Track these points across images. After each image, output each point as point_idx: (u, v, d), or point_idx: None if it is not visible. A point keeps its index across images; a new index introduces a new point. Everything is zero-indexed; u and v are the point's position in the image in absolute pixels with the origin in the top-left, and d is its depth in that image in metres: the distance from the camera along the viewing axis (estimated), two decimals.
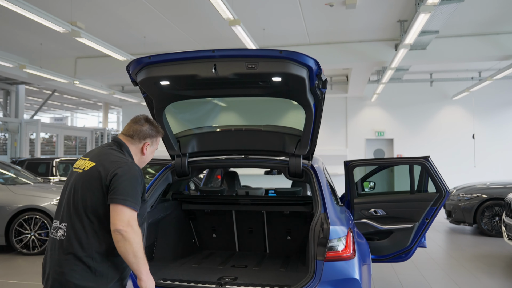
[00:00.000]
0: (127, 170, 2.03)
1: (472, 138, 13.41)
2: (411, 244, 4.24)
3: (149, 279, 2.05)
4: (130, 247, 1.91)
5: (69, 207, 2.05)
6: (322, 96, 2.86)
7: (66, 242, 1.98)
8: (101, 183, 2.01)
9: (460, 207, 8.20)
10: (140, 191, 2.07)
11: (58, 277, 1.97)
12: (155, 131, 2.27)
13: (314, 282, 2.51)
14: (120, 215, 1.92)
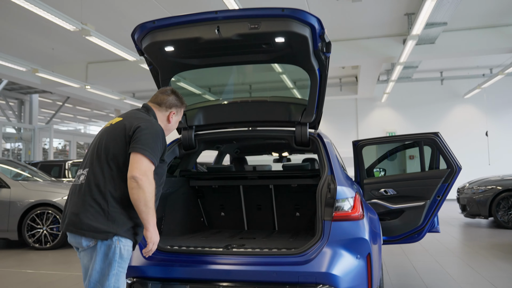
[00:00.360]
0: (150, 126, 2.16)
1: (486, 136, 13.20)
2: (423, 223, 4.15)
3: (155, 231, 2.11)
4: (143, 195, 1.98)
5: (92, 155, 2.17)
6: (326, 61, 2.86)
7: (85, 186, 2.08)
8: (124, 133, 2.13)
9: (475, 200, 8.04)
10: (161, 149, 2.16)
11: (73, 218, 2.05)
12: (180, 101, 2.43)
13: (322, 242, 2.48)
14: (139, 163, 2.01)
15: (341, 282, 2.39)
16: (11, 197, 6.36)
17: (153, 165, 2.08)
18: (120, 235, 2.05)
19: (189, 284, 2.50)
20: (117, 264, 2.05)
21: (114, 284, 2.05)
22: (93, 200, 2.03)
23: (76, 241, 2.08)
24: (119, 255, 2.05)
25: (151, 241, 2.10)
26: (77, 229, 2.02)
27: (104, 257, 2.03)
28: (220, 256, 2.59)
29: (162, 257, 2.61)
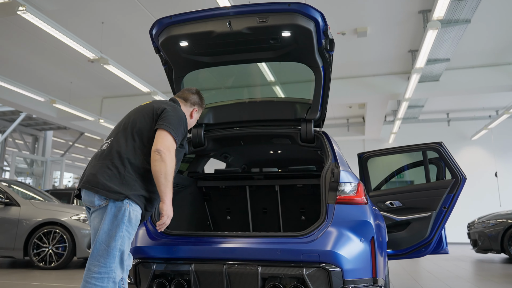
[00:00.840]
0: (176, 110, 2.39)
1: (495, 177, 13.09)
2: (430, 236, 4.13)
3: (170, 206, 2.24)
4: (165, 168, 2.13)
5: (118, 128, 2.36)
6: (330, 59, 3.03)
7: (107, 152, 2.23)
8: (152, 112, 2.33)
9: (486, 234, 7.87)
10: (183, 133, 2.35)
11: (90, 177, 2.18)
12: (202, 101, 2.69)
13: (327, 224, 2.51)
14: (164, 139, 2.19)
15: (345, 262, 2.40)
16: (20, 215, 6.42)
17: (176, 144, 2.25)
18: (131, 199, 2.14)
19: (193, 263, 2.51)
20: (124, 227, 2.13)
21: (120, 246, 2.12)
22: (112, 164, 2.17)
23: (89, 199, 2.17)
24: (127, 218, 2.13)
25: (166, 214, 2.20)
26: (92, 186, 2.13)
27: (113, 218, 2.11)
28: (225, 237, 2.63)
29: (166, 239, 2.66)
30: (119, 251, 2.12)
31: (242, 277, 2.44)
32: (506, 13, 7.34)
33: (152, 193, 2.25)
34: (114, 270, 2.10)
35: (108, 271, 2.08)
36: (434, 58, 8.51)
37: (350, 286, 2.39)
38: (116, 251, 2.10)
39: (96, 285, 2.05)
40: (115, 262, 2.11)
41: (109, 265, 2.08)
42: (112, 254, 2.09)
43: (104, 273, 2.07)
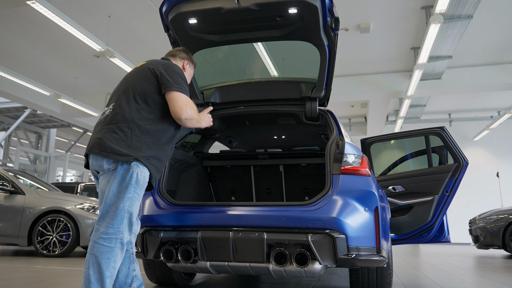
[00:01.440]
0: (176, 66, 2.40)
1: (497, 177, 13.11)
2: (432, 220, 4.17)
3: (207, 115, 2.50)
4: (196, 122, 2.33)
5: (118, 92, 2.34)
6: (335, 38, 3.09)
7: (111, 116, 2.23)
8: (150, 71, 2.32)
9: (488, 229, 7.90)
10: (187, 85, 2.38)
11: (97, 141, 2.19)
12: (190, 57, 2.69)
13: (331, 193, 2.56)
14: (179, 102, 2.23)
15: (349, 229, 2.44)
16: (25, 204, 6.48)
17: (188, 97, 2.30)
18: (139, 161, 2.16)
19: (200, 230, 2.56)
20: (132, 189, 2.14)
21: (128, 207, 2.14)
22: (117, 127, 2.18)
23: (98, 164, 2.19)
24: (135, 179, 2.15)
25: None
26: (100, 151, 2.15)
27: (121, 179, 2.13)
28: (231, 206, 2.68)
29: (174, 208, 2.70)
30: (127, 213, 2.13)
31: (248, 243, 2.49)
32: (509, 8, 7.41)
33: (159, 155, 2.26)
34: (122, 231, 2.12)
35: (116, 231, 2.10)
36: (437, 55, 8.59)
37: (354, 253, 2.43)
38: (124, 212, 2.11)
39: (104, 245, 2.06)
40: (123, 224, 2.12)
41: (117, 226, 2.10)
42: (120, 215, 2.10)
43: (112, 234, 2.09)
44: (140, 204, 2.79)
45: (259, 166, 3.90)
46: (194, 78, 3.43)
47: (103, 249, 2.06)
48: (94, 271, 2.04)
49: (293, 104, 3.39)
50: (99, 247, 2.06)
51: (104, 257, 2.05)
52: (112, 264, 2.08)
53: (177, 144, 3.30)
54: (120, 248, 2.12)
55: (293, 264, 2.44)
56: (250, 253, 2.49)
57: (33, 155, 16.18)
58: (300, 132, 3.93)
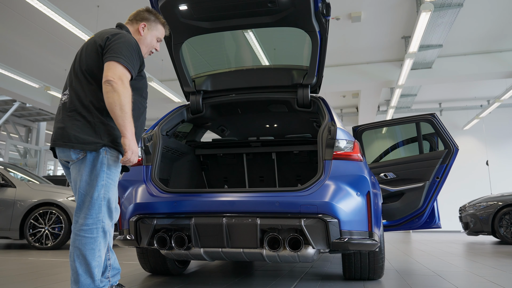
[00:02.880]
0: (122, 35, 2.15)
1: (486, 165, 13.29)
2: (423, 206, 4.23)
3: (132, 139, 2.05)
4: (118, 98, 1.96)
5: (71, 76, 2.20)
6: (326, 24, 3.09)
7: (69, 103, 2.11)
8: (96, 45, 2.13)
9: (478, 216, 8.02)
10: (136, 59, 2.14)
11: (60, 131, 2.08)
12: (154, 16, 2.40)
13: (324, 178, 2.57)
14: (112, 69, 2.00)
15: (342, 213, 2.46)
16: (16, 196, 6.43)
17: (129, 73, 2.06)
18: (107, 146, 2.07)
19: (193, 217, 2.56)
20: (105, 175, 2.06)
21: (103, 195, 2.05)
22: (78, 114, 2.06)
23: (65, 155, 2.10)
24: (106, 165, 2.07)
25: (129, 149, 2.03)
26: (65, 142, 2.04)
27: (92, 167, 2.05)
28: (224, 193, 2.68)
29: (166, 196, 2.70)
30: (104, 200, 2.06)
31: (241, 229, 2.50)
32: None
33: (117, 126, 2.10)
34: (102, 219, 2.05)
35: (95, 221, 2.03)
36: (427, 44, 8.62)
37: (347, 237, 2.46)
38: (100, 200, 2.04)
39: (86, 236, 2.00)
40: (102, 212, 2.05)
41: (96, 216, 2.03)
42: (97, 204, 2.03)
43: (91, 224, 2.02)
44: (133, 192, 2.78)
45: (251, 154, 3.90)
46: (185, 64, 3.40)
47: (86, 241, 2.00)
48: (81, 263, 1.99)
49: (285, 91, 3.39)
50: (81, 239, 2.01)
51: (88, 248, 2.00)
52: (98, 253, 2.03)
53: (169, 132, 3.29)
54: (103, 236, 2.06)
55: (287, 249, 2.46)
56: (244, 239, 2.51)
57: (23, 149, 16.01)
58: (292, 119, 3.94)
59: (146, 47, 2.38)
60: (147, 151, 2.92)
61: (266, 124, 4.17)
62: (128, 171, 2.42)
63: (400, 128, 4.72)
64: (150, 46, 2.40)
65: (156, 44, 2.43)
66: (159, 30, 2.42)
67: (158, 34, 2.41)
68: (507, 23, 8.39)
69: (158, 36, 2.42)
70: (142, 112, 2.28)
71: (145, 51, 2.38)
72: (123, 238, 2.71)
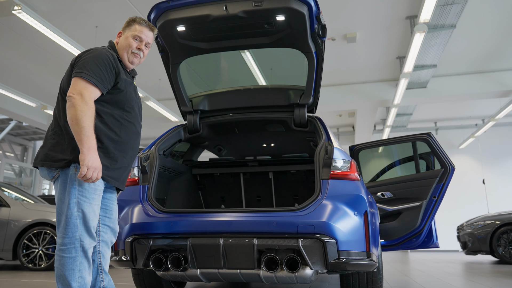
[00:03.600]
0: (92, 51, 2.11)
1: (483, 184, 13.31)
2: (421, 225, 4.21)
3: (89, 154, 1.92)
4: (74, 112, 1.91)
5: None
6: (322, 45, 3.13)
7: (51, 123, 2.18)
8: (71, 65, 2.14)
9: (475, 235, 7.98)
10: (107, 70, 2.07)
11: (39, 151, 2.13)
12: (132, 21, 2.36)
13: (321, 198, 2.56)
14: (73, 84, 1.99)
15: (339, 233, 2.45)
16: (10, 216, 6.35)
17: (93, 86, 2.00)
18: (77, 162, 1.98)
19: (190, 237, 2.54)
20: (77, 192, 1.99)
21: (76, 213, 1.97)
22: (54, 133, 2.09)
23: (43, 174, 2.11)
24: (78, 182, 1.99)
25: (84, 164, 1.90)
26: (40, 161, 2.06)
27: (63, 185, 2.01)
28: (221, 213, 2.67)
29: (163, 216, 2.67)
30: (78, 218, 1.97)
31: (238, 249, 2.47)
32: (490, 19, 7.61)
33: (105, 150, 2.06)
34: (80, 238, 1.97)
35: (72, 240, 1.96)
36: (422, 64, 8.75)
37: (345, 258, 2.44)
38: (75, 218, 1.96)
39: (64, 256, 1.95)
40: (78, 230, 1.97)
41: (72, 235, 1.96)
42: (71, 222, 1.96)
43: (69, 244, 1.96)
44: (129, 212, 2.76)
45: (248, 174, 3.90)
46: (182, 84, 3.42)
47: (64, 261, 1.95)
48: (63, 284, 1.95)
49: (282, 111, 3.41)
50: (60, 259, 1.96)
51: (67, 268, 1.95)
52: (78, 274, 1.96)
53: (166, 152, 3.28)
54: (83, 256, 1.98)
55: (284, 270, 2.43)
56: (241, 260, 2.48)
57: (18, 168, 15.90)
58: (289, 139, 3.95)
59: (124, 50, 2.26)
60: (144, 170, 2.91)
61: (263, 143, 4.18)
62: (123, 190, 2.40)
63: (396, 147, 4.75)
64: (126, 47, 2.26)
65: (132, 43, 2.26)
66: (132, 29, 2.30)
67: (134, 32, 2.29)
68: (499, 44, 8.55)
69: (133, 34, 2.28)
70: (125, 125, 2.17)
71: (126, 57, 2.26)
72: (119, 259, 2.68)
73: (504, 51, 8.91)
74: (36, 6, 6.34)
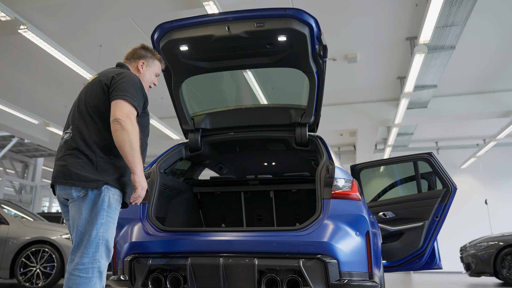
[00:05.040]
0: (127, 74, 2.20)
1: (485, 204, 13.20)
2: (423, 246, 4.16)
3: (142, 175, 2.08)
4: (128, 136, 1.99)
5: (74, 113, 2.21)
6: (323, 65, 3.17)
7: (71, 141, 2.11)
8: (101, 85, 2.16)
9: (479, 257, 7.87)
10: (141, 96, 2.18)
11: (61, 168, 2.07)
12: (150, 53, 2.49)
13: (322, 217, 2.55)
14: (120, 107, 2.03)
15: (341, 254, 2.42)
16: (8, 234, 6.29)
17: (136, 110, 2.10)
18: (109, 184, 2.05)
19: (190, 257, 2.51)
20: (105, 213, 2.04)
21: (102, 234, 2.01)
22: (80, 152, 2.06)
23: (66, 192, 2.07)
24: (107, 203, 2.04)
25: (140, 185, 2.06)
26: (67, 180, 2.03)
27: (92, 205, 2.02)
28: (221, 232, 2.64)
29: (162, 235, 2.66)
30: (103, 239, 2.01)
31: (238, 269, 2.44)
32: (487, 41, 7.70)
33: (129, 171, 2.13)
34: (99, 259, 1.99)
35: (91, 260, 1.97)
36: (422, 84, 8.81)
37: (347, 279, 2.40)
38: (98, 239, 2.00)
39: (81, 276, 1.93)
40: (99, 251, 2.00)
41: (92, 255, 1.98)
42: (95, 242, 1.99)
43: (87, 264, 1.96)
44: (128, 230, 2.74)
45: (249, 193, 3.88)
46: (184, 102, 3.45)
47: (80, 281, 1.93)
48: None
49: (283, 130, 3.42)
50: (76, 279, 1.93)
51: None
52: None
53: (167, 170, 3.28)
54: (99, 277, 1.98)
55: None
56: (241, 280, 2.44)
57: (18, 185, 15.86)
58: (290, 158, 3.95)
59: (146, 83, 2.45)
60: None
61: (264, 162, 4.17)
62: (126, 207, 2.38)
63: (398, 167, 4.74)
64: (149, 81, 2.48)
65: (154, 79, 2.52)
66: (156, 66, 2.51)
67: (156, 70, 2.51)
68: (499, 64, 8.63)
69: (156, 71, 2.51)
70: (144, 149, 2.27)
71: (145, 87, 2.41)
72: (117, 279, 2.64)
73: (503, 72, 8.98)
74: (42, 25, 6.44)
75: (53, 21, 6.47)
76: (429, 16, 5.56)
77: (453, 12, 6.12)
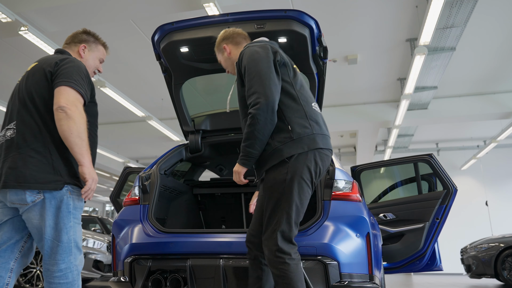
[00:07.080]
0: (71, 60, 2.04)
1: (486, 205, 13.19)
2: (424, 248, 4.15)
3: (91, 168, 1.93)
4: (74, 125, 1.84)
5: (15, 106, 2.02)
6: (324, 67, 3.17)
7: (18, 138, 1.91)
8: (44, 72, 1.99)
9: (479, 258, 7.86)
10: (87, 82, 2.03)
11: (10, 171, 1.87)
12: (93, 37, 2.30)
13: (322, 219, 2.54)
14: (64, 94, 1.87)
15: (341, 255, 2.42)
16: None
17: (82, 98, 1.94)
18: (69, 183, 1.93)
19: (190, 258, 2.51)
20: (71, 216, 1.94)
21: (73, 237, 1.93)
22: (32, 150, 1.88)
23: (19, 198, 1.87)
24: (72, 205, 1.94)
25: (90, 177, 1.90)
26: (20, 183, 1.84)
27: (56, 211, 1.89)
28: (221, 233, 2.64)
29: (163, 236, 2.65)
30: (74, 242, 1.94)
31: (239, 271, 2.44)
32: (489, 42, 7.70)
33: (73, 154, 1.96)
34: (73, 262, 1.93)
35: (69, 265, 1.91)
36: (422, 86, 8.81)
37: (347, 280, 2.40)
38: (70, 243, 1.91)
39: (61, 283, 1.87)
40: (73, 253, 1.93)
41: (68, 259, 1.91)
42: (68, 247, 1.90)
43: (66, 269, 1.90)
44: (129, 231, 2.74)
45: (249, 194, 3.88)
46: (185, 104, 3.45)
47: (62, 287, 1.88)
48: None
49: None
50: (57, 286, 1.87)
51: None
52: None
53: (168, 171, 3.28)
54: (78, 278, 1.93)
55: None
56: (241, 281, 2.44)
57: None
58: None
59: (89, 68, 2.27)
60: (145, 190, 2.90)
61: None
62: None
63: (398, 168, 4.73)
64: (93, 67, 2.31)
65: (99, 65, 2.35)
66: (100, 51, 2.33)
67: (99, 55, 2.32)
68: (499, 66, 8.63)
69: (100, 57, 2.33)
70: (94, 143, 2.10)
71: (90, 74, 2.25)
72: (117, 280, 2.64)
73: (504, 73, 8.98)
74: (43, 27, 6.45)
75: (53, 22, 6.48)
76: (430, 18, 5.57)
77: (454, 13, 6.13)
